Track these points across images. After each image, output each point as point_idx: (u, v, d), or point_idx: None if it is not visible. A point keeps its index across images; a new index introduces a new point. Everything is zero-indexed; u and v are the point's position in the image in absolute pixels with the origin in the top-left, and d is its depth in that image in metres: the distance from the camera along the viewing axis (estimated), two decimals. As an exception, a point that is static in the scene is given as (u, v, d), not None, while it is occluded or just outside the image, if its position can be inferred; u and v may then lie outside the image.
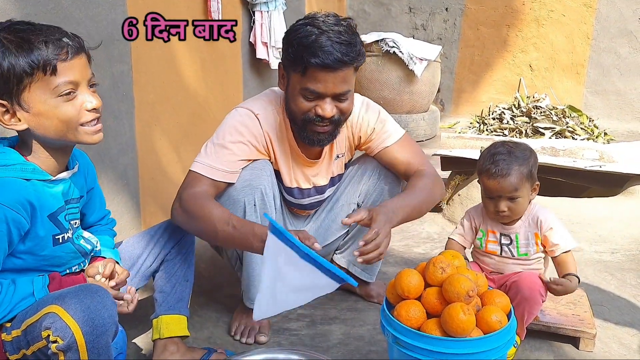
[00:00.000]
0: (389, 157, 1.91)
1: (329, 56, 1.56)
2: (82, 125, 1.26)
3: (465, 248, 1.92)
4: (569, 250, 1.77)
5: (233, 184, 1.73)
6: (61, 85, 1.21)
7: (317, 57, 1.57)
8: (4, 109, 1.20)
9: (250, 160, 1.76)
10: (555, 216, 1.82)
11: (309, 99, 1.65)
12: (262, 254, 1.36)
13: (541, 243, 1.80)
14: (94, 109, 1.27)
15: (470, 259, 1.96)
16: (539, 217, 1.80)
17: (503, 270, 1.84)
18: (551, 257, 1.82)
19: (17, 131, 1.25)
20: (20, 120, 1.22)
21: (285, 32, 1.70)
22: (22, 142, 1.29)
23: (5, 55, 1.16)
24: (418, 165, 1.88)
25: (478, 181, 1.84)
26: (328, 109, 1.65)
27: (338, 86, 1.63)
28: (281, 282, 1.29)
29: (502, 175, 1.73)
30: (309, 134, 1.72)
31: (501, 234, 1.84)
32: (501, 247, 1.84)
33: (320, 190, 1.97)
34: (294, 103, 1.69)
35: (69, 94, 1.22)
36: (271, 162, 1.82)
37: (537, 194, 1.83)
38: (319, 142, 1.74)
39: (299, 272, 1.27)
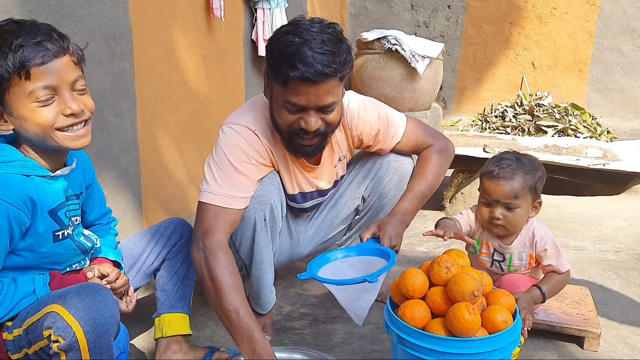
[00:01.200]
0: (402, 148, 1.93)
1: (309, 69, 1.47)
2: (59, 130, 1.22)
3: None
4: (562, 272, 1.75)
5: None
6: (36, 91, 1.18)
7: (296, 70, 1.47)
8: None
9: (260, 179, 1.71)
10: (552, 235, 1.76)
11: (292, 112, 1.58)
12: (245, 357, 1.46)
13: (535, 261, 1.78)
14: (73, 114, 1.22)
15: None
16: (535, 237, 1.75)
17: None
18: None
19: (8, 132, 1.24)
20: (7, 122, 1.21)
21: (269, 39, 1.61)
22: (16, 141, 1.28)
23: None
24: (431, 140, 1.91)
25: (478, 189, 1.80)
26: (312, 122, 1.57)
27: (321, 99, 1.54)
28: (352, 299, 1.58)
29: (504, 178, 1.67)
30: (295, 146, 1.66)
31: (495, 250, 1.80)
32: (492, 261, 1.81)
33: (322, 193, 1.96)
34: (278, 115, 1.62)
35: (46, 99, 1.19)
36: (277, 171, 1.80)
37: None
38: (305, 154, 1.69)
39: (348, 292, 1.55)
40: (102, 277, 1.39)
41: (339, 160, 1.92)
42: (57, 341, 1.11)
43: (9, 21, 1.20)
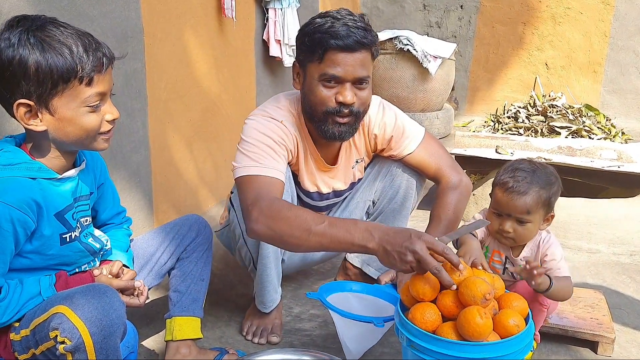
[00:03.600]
0: (415, 162, 1.90)
1: (348, 37, 1.57)
2: (100, 134, 1.28)
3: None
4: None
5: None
6: (92, 97, 1.22)
7: (337, 39, 1.57)
8: (28, 109, 1.19)
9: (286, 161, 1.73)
10: (559, 246, 1.71)
11: (329, 87, 1.63)
12: (374, 250, 1.39)
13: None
14: (113, 119, 1.30)
15: None
16: (540, 244, 1.71)
17: None
18: None
19: (34, 131, 1.23)
20: (41, 122, 1.21)
21: (299, 30, 1.69)
22: (31, 141, 1.27)
23: (47, 59, 1.16)
24: (445, 169, 1.88)
25: (490, 194, 1.75)
26: (349, 95, 1.62)
27: (358, 70, 1.61)
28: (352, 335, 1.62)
29: (518, 192, 1.62)
30: (330, 126, 1.68)
31: (507, 258, 1.77)
32: (504, 269, 1.78)
33: (339, 194, 1.96)
34: (312, 95, 1.65)
35: (96, 105, 1.24)
36: (290, 165, 1.80)
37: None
38: (340, 134, 1.70)
39: (349, 327, 1.59)
40: (116, 276, 1.40)
41: (357, 162, 1.92)
42: (63, 342, 1.11)
43: (51, 22, 1.21)
